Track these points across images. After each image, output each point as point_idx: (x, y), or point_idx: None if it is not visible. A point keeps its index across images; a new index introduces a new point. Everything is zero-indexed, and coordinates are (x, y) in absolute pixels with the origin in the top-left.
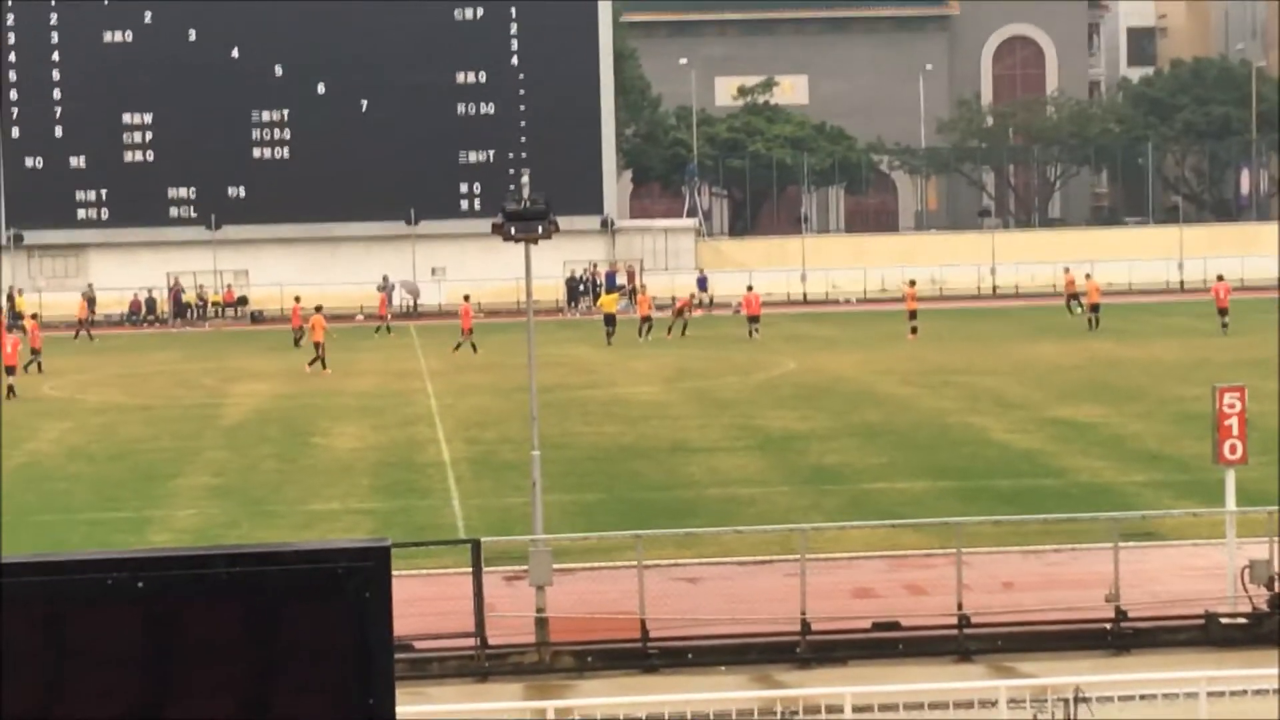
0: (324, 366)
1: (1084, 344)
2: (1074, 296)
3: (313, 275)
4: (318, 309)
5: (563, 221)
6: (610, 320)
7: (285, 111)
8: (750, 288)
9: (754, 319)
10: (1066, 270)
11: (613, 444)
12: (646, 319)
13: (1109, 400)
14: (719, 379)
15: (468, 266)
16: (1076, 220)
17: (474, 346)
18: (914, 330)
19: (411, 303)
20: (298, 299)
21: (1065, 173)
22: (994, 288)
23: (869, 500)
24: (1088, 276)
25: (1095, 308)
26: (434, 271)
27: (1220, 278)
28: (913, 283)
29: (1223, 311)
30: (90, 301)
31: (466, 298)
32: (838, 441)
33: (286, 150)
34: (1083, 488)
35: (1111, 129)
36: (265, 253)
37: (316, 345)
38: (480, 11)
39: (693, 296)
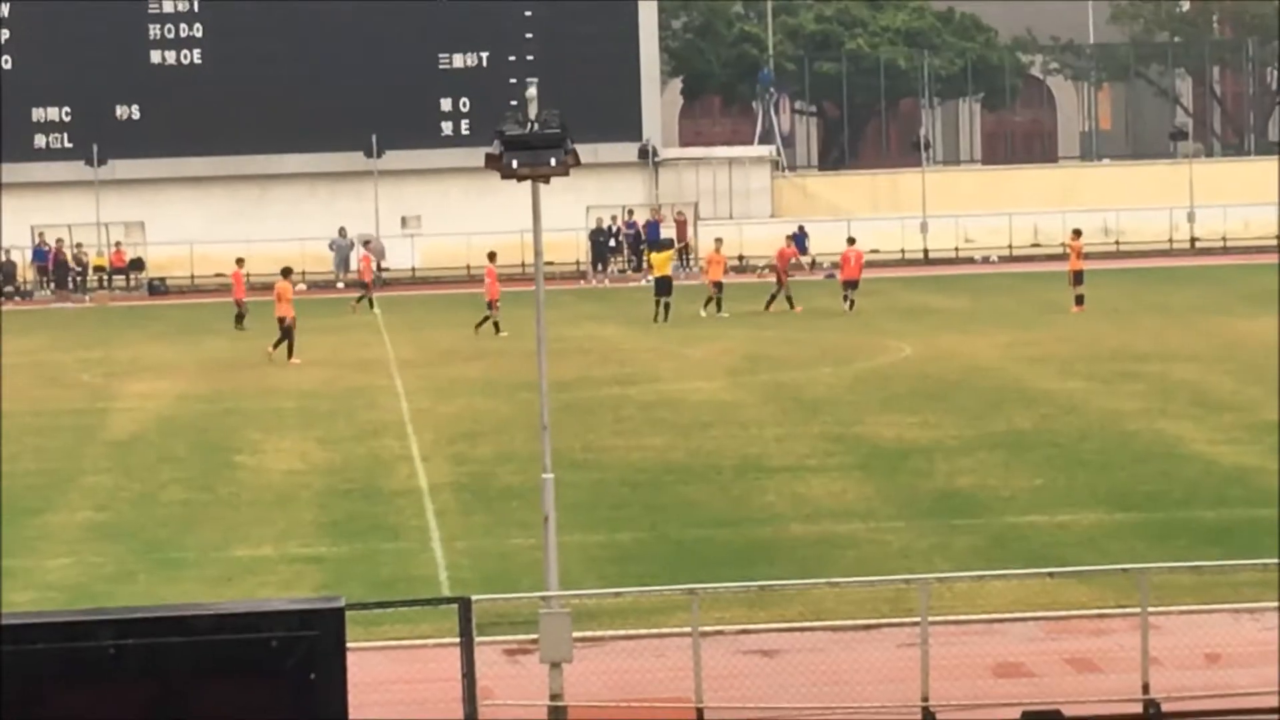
0: (290, 354)
1: None
2: None
3: (233, 228)
4: (285, 272)
5: (585, 151)
6: (664, 286)
7: (195, 0)
8: (852, 240)
9: (850, 284)
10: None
11: (658, 462)
12: (718, 286)
13: None
14: (807, 370)
15: (450, 215)
16: None
17: (496, 326)
18: (1079, 300)
19: (374, 265)
20: (240, 261)
21: None
22: (1192, 240)
23: (1018, 539)
24: None
25: None
26: (404, 222)
27: None
28: (1078, 233)
29: None
30: None
31: (492, 255)
32: (973, 457)
33: (196, 53)
34: None
35: None
36: (167, 198)
37: (281, 321)
38: None
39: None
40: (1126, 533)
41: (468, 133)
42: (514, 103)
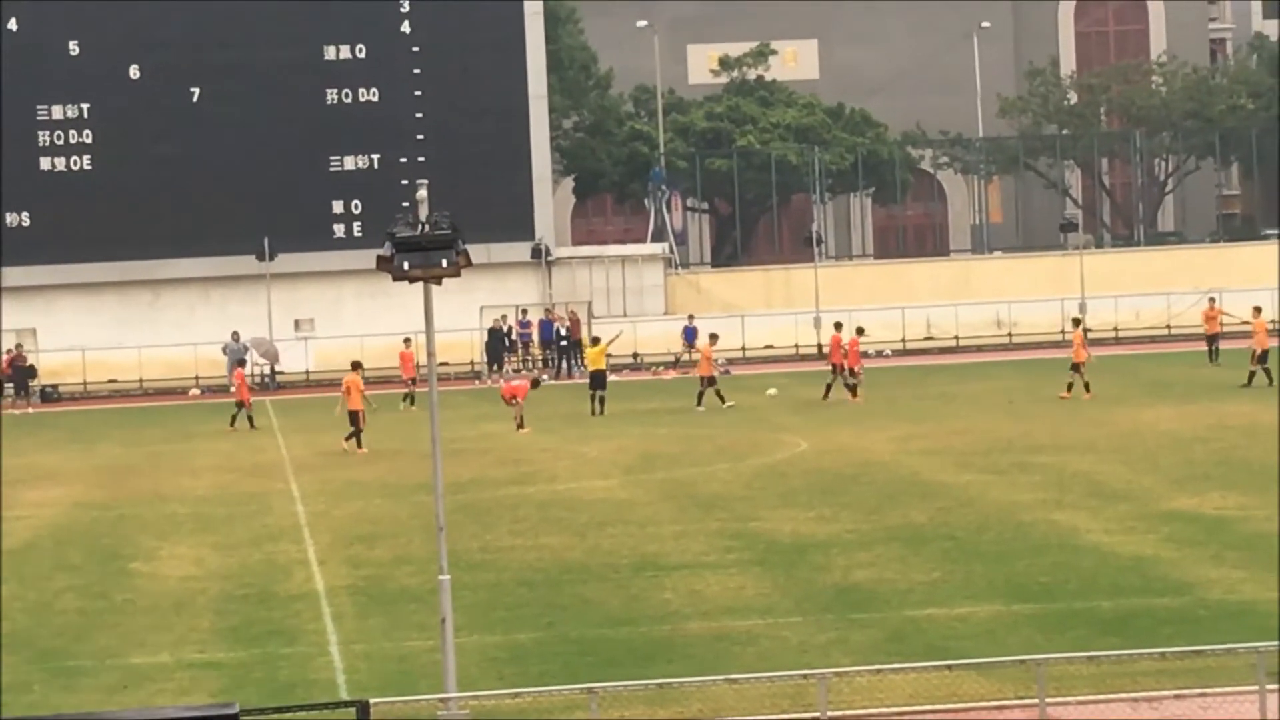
0: (359, 444)
1: (1212, 407)
2: (1216, 338)
3: (126, 334)
4: (355, 365)
5: (478, 251)
6: (598, 380)
7: (85, 106)
8: (839, 326)
9: (851, 371)
10: (1212, 301)
11: (555, 561)
12: (711, 380)
13: (1248, 485)
14: (703, 467)
15: (344, 317)
16: (1197, 234)
17: (412, 399)
18: (1087, 386)
19: (268, 369)
20: (242, 363)
21: (1180, 168)
22: (1084, 330)
23: (916, 632)
24: (1257, 311)
25: (1263, 356)
26: (298, 325)
27: None
28: (1078, 321)
29: None
30: None
31: (407, 341)
32: (870, 551)
33: (87, 159)
34: (1214, 608)
35: (1243, 106)
36: (59, 304)
37: (353, 416)
38: None
39: (679, 355)
40: (1024, 624)
41: (360, 234)
42: (405, 204)
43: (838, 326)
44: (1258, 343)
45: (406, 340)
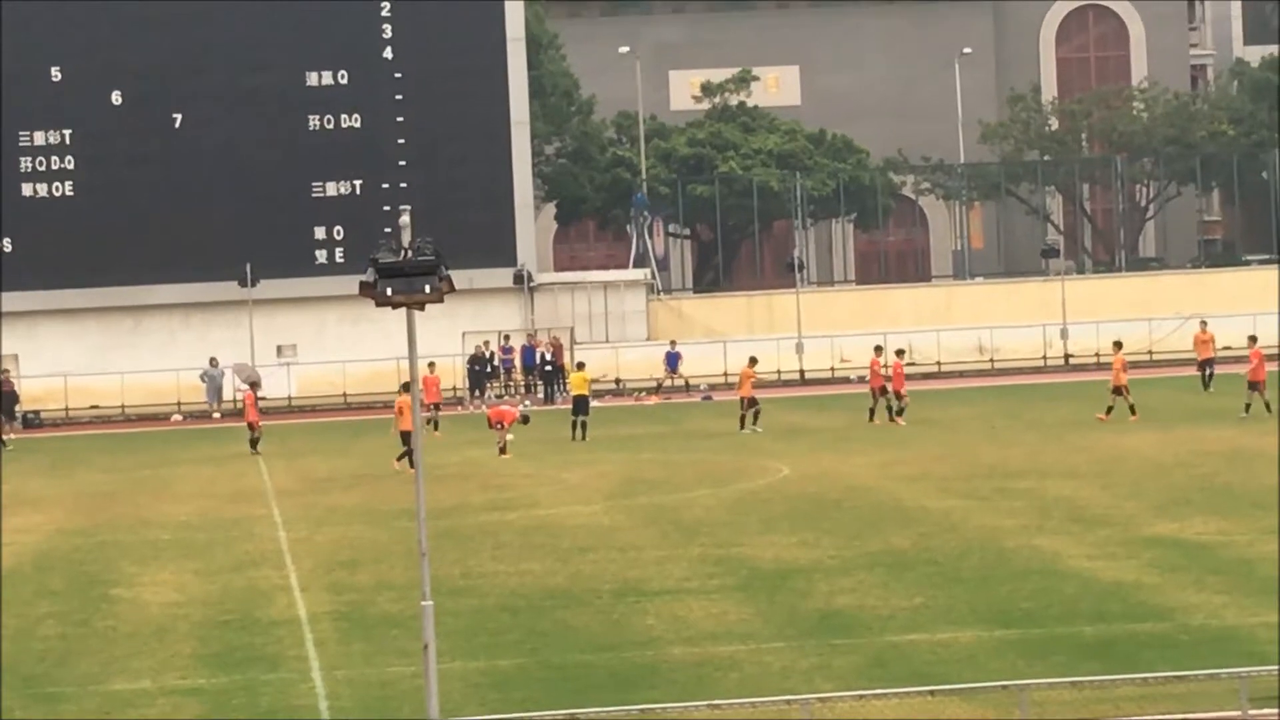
0: (410, 463)
1: (1194, 433)
2: (1209, 363)
3: (108, 360)
4: (405, 386)
5: (460, 277)
6: (581, 406)
7: (67, 132)
8: (879, 349)
9: (896, 395)
10: (1204, 325)
11: (537, 587)
12: (752, 402)
13: (1230, 511)
14: (685, 493)
15: (326, 343)
16: (1179, 260)
17: (436, 424)
18: (1132, 409)
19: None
20: (255, 385)
21: (1161, 194)
22: (1066, 356)
23: (898, 658)
24: (1252, 341)
25: (1254, 385)
26: (280, 351)
27: None
28: (1119, 345)
29: None
30: None
31: (431, 365)
32: (852, 576)
33: (69, 185)
34: (1196, 633)
35: (1224, 132)
36: (41, 329)
37: (405, 436)
38: None
39: (662, 381)
40: (1006, 649)
41: (342, 260)
42: (388, 230)
43: (877, 350)
44: (1256, 373)
45: (431, 364)
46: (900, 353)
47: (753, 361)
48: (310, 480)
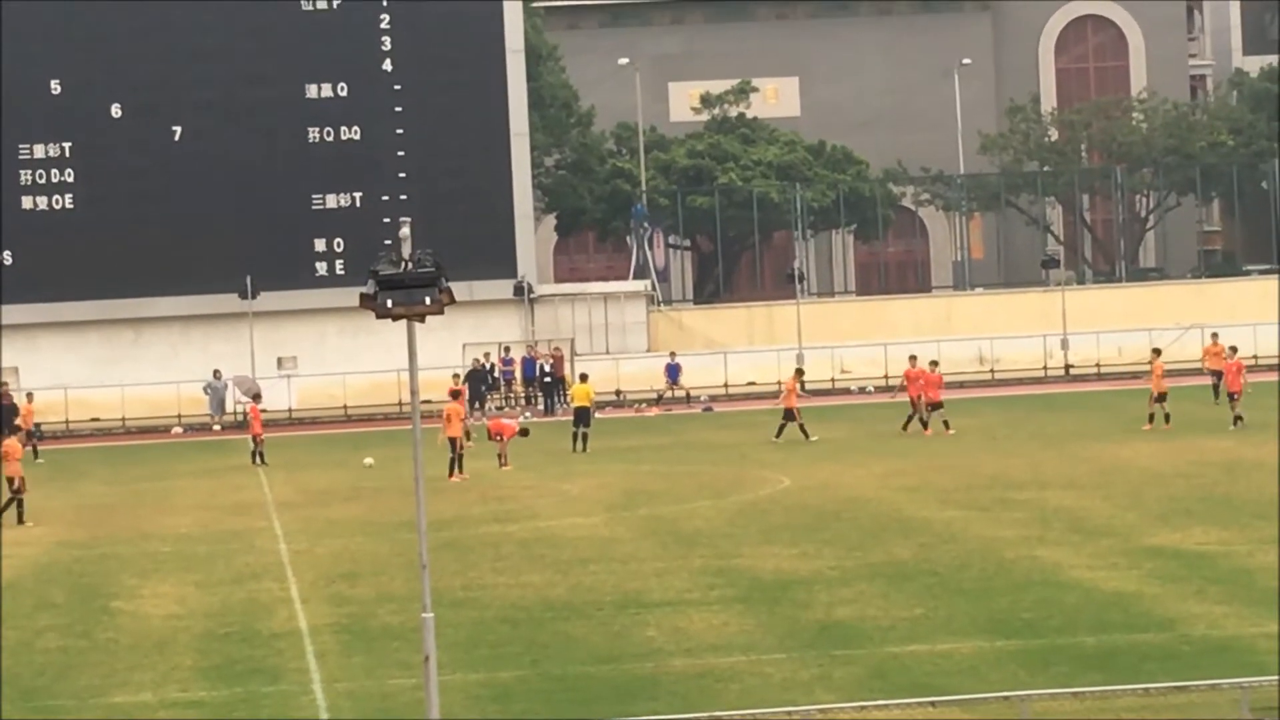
0: (460, 470)
1: (1193, 443)
2: (1221, 375)
3: (108, 373)
4: (455, 394)
5: (460, 289)
6: (583, 417)
7: (66, 145)
8: (914, 358)
9: (934, 406)
10: (1214, 337)
11: (538, 599)
12: (790, 414)
13: (1230, 521)
14: (685, 504)
15: (326, 355)
16: (1178, 270)
17: (468, 434)
18: (1167, 418)
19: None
20: (258, 397)
21: (1161, 205)
22: (1066, 367)
23: (899, 669)
24: (1232, 352)
25: (1231, 396)
26: (280, 363)
27: None
28: (1158, 352)
29: None
30: None
31: (456, 377)
32: (853, 587)
33: (69, 198)
34: (1197, 644)
35: (1224, 142)
36: (41, 342)
37: (453, 443)
38: None
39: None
40: (1007, 660)
41: (342, 272)
42: (388, 242)
43: (912, 360)
44: (1230, 384)
45: (456, 376)
46: (934, 364)
47: (799, 373)
48: (311, 492)
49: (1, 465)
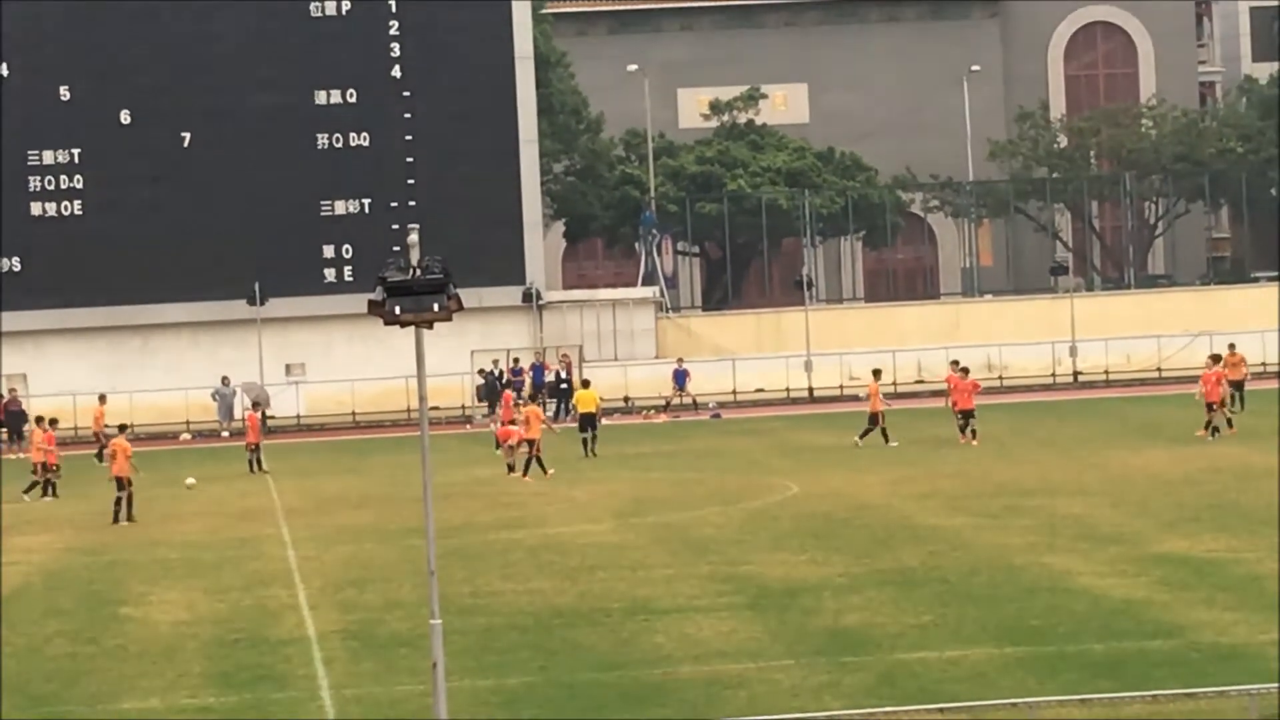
0: (525, 473)
1: (1203, 450)
2: (1239, 385)
3: (117, 379)
4: (532, 398)
5: (469, 295)
6: (589, 423)
7: (76, 151)
8: (955, 364)
9: (966, 413)
10: (1232, 348)
11: (546, 606)
12: (874, 419)
13: (1239, 528)
14: (694, 511)
15: (335, 361)
16: (1187, 277)
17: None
18: (1229, 423)
19: (259, 414)
20: (258, 405)
21: (1170, 212)
22: (1075, 374)
23: (907, 676)
24: (1215, 360)
25: (1211, 406)
26: (288, 369)
27: None
28: (1228, 349)
29: None
30: None
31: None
32: (861, 594)
33: (78, 204)
34: (1206, 651)
35: (1233, 149)
36: (50, 348)
37: (531, 445)
38: (347, 5)
39: (670, 399)
40: (1016, 667)
41: (351, 279)
42: (396, 248)
43: (954, 365)
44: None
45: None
46: (965, 371)
47: (877, 374)
48: (319, 499)
49: (110, 464)
